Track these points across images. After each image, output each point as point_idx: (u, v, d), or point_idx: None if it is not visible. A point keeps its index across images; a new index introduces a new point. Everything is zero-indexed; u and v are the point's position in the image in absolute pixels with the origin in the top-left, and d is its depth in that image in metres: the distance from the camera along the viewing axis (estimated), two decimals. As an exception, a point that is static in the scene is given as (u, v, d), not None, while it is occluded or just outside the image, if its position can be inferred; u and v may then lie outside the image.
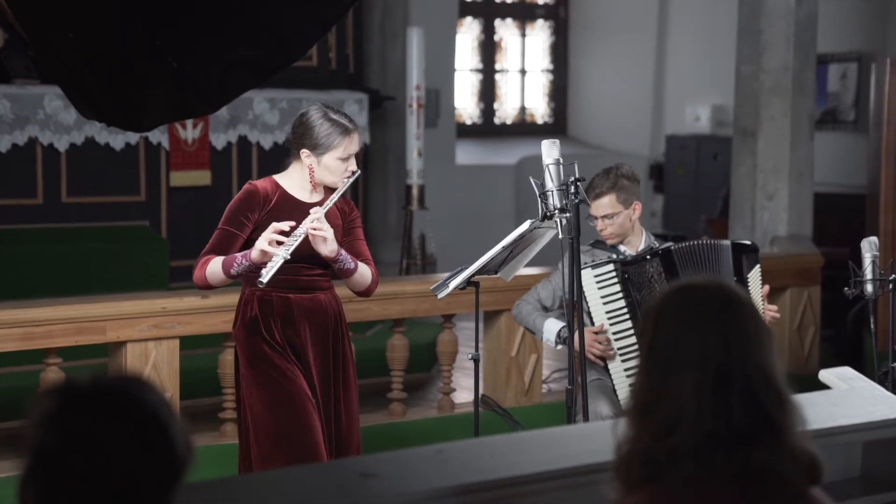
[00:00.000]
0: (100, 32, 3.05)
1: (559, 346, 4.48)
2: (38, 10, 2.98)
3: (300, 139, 3.84)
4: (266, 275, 3.62)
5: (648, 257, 4.31)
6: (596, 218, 4.42)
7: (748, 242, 4.44)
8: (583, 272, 4.26)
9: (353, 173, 3.84)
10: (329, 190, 3.87)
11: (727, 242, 4.38)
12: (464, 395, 6.13)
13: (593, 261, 4.37)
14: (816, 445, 1.96)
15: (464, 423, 5.29)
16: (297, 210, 3.81)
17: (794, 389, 1.97)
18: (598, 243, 4.53)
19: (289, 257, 3.65)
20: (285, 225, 3.69)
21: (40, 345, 4.74)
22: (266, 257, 3.66)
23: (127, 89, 3.19)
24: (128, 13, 3.03)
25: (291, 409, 3.74)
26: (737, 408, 1.86)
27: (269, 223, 3.75)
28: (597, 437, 2.63)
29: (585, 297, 4.30)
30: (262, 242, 3.66)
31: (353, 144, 3.82)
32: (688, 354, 1.90)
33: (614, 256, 4.39)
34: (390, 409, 5.61)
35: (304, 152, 3.82)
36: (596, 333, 4.29)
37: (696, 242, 4.37)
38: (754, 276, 4.33)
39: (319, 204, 3.83)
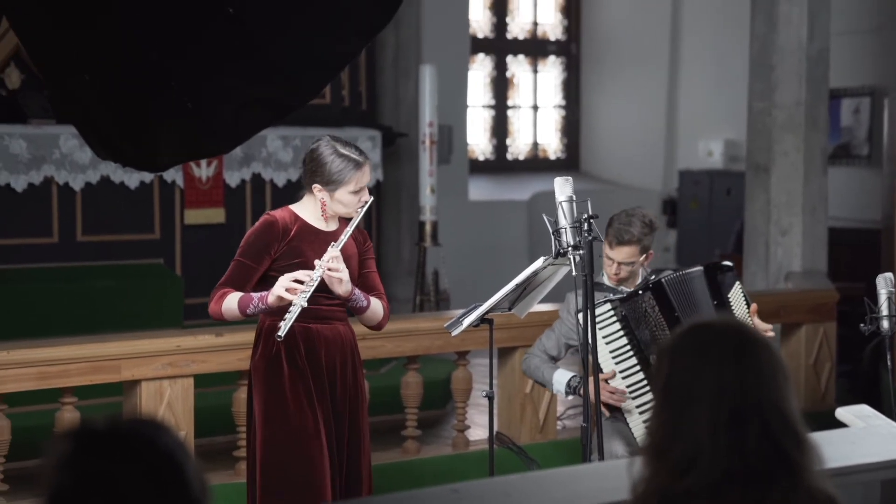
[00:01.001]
0: (115, 74, 3.08)
1: (570, 397, 4.49)
2: (53, 52, 3.01)
3: (312, 175, 3.86)
4: (285, 327, 3.62)
5: (640, 292, 4.32)
6: (613, 260, 4.41)
7: (722, 263, 4.41)
8: (581, 315, 4.25)
9: (366, 203, 3.86)
10: (344, 218, 3.89)
11: (698, 268, 4.35)
12: (478, 432, 6.11)
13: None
14: (834, 485, 1.95)
15: (478, 460, 5.27)
16: (316, 239, 3.84)
17: (811, 426, 1.96)
18: (597, 285, 4.51)
19: (306, 305, 3.65)
20: (302, 275, 3.69)
21: (56, 384, 4.75)
22: (283, 303, 3.67)
23: (142, 130, 3.21)
24: (143, 54, 3.06)
25: (301, 448, 3.72)
26: (753, 446, 1.85)
27: (290, 253, 3.78)
28: (612, 476, 2.61)
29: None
30: (279, 289, 3.66)
31: (364, 177, 3.84)
32: (703, 392, 1.90)
33: (610, 296, 4.38)
34: (404, 447, 5.59)
35: (317, 187, 3.85)
36: (607, 381, 4.27)
37: (673, 274, 4.34)
38: (735, 295, 4.31)
39: (335, 235, 3.84)
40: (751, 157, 7.00)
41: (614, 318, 4.31)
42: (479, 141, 10.98)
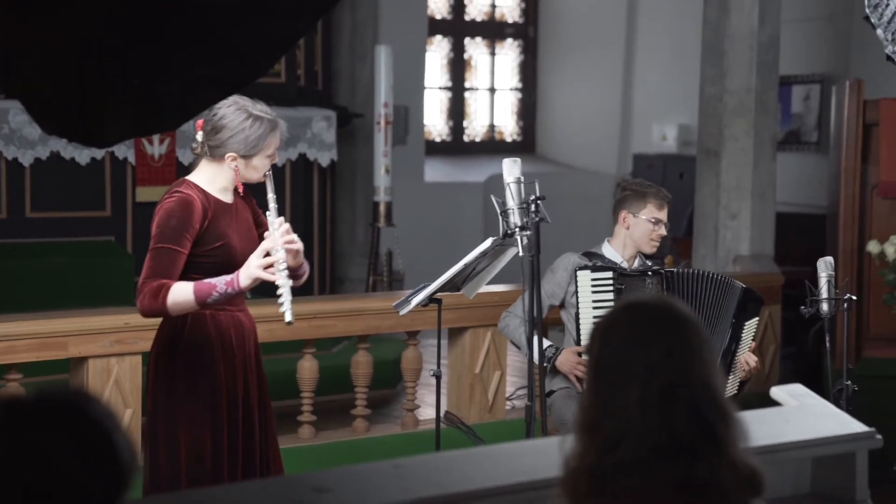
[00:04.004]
0: (63, 50, 3.07)
1: (545, 364, 4.52)
2: (-2, 26, 2.98)
3: (224, 144, 3.54)
4: (289, 313, 3.38)
5: (650, 274, 4.39)
6: (659, 221, 4.53)
7: (758, 294, 4.51)
8: (581, 273, 4.37)
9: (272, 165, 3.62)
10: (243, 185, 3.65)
11: (741, 285, 4.44)
12: (429, 411, 6.13)
13: (593, 264, 4.45)
14: (767, 461, 2.00)
15: (426, 439, 5.29)
16: (228, 215, 3.58)
17: (753, 406, 2.00)
18: (597, 255, 4.59)
19: (291, 282, 3.42)
20: (268, 245, 3.43)
21: (1, 360, 4.71)
22: (256, 283, 3.44)
23: (89, 105, 3.20)
24: (91, 33, 3.05)
25: (223, 443, 3.55)
26: (680, 421, 1.90)
27: (212, 236, 3.52)
28: (552, 452, 2.65)
29: (578, 298, 4.38)
30: (255, 270, 3.40)
31: (278, 136, 3.58)
32: (633, 369, 1.94)
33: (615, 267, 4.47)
34: (353, 426, 5.61)
35: (231, 156, 3.54)
36: (579, 355, 4.34)
37: (707, 273, 4.48)
38: (750, 325, 4.40)
39: (236, 207, 3.61)
40: (702, 142, 7.07)
41: (611, 288, 4.38)
42: (435, 122, 11.00)
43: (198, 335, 3.55)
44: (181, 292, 3.41)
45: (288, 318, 3.41)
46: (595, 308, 4.39)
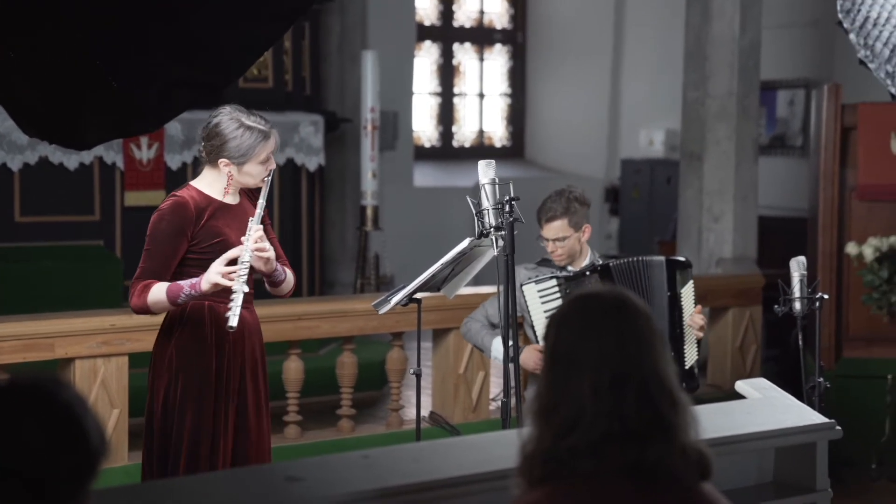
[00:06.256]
0: (40, 52, 3.13)
1: (511, 365, 4.58)
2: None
3: (218, 150, 3.73)
4: (234, 318, 3.52)
5: (588, 273, 4.44)
6: (547, 240, 4.52)
7: (682, 259, 4.58)
8: (526, 287, 4.40)
9: (272, 171, 3.78)
10: (246, 188, 3.83)
11: (661, 258, 4.52)
12: (413, 411, 6.19)
13: (538, 276, 4.49)
14: (731, 451, 2.07)
15: (410, 438, 5.37)
16: (229, 215, 3.76)
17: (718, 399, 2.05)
18: (544, 261, 4.65)
19: (247, 289, 3.56)
20: (232, 254, 3.59)
21: (-12, 361, 4.78)
22: (216, 288, 3.59)
23: (68, 107, 3.27)
24: (68, 34, 3.12)
25: (215, 437, 3.67)
26: (631, 407, 1.96)
27: (209, 234, 3.70)
28: (518, 443, 2.72)
29: (529, 312, 4.43)
30: (214, 276, 3.56)
31: (272, 146, 3.76)
32: (587, 357, 2.00)
33: (558, 273, 4.51)
34: (339, 426, 5.68)
35: (223, 162, 3.73)
36: (541, 352, 4.39)
37: (632, 259, 4.50)
38: (687, 290, 4.47)
39: (243, 209, 3.78)
40: (685, 146, 7.16)
41: (558, 295, 4.43)
42: (425, 128, 11.07)
43: (193, 325, 3.72)
44: (158, 292, 3.66)
45: (231, 322, 3.55)
46: (548, 317, 4.41)
